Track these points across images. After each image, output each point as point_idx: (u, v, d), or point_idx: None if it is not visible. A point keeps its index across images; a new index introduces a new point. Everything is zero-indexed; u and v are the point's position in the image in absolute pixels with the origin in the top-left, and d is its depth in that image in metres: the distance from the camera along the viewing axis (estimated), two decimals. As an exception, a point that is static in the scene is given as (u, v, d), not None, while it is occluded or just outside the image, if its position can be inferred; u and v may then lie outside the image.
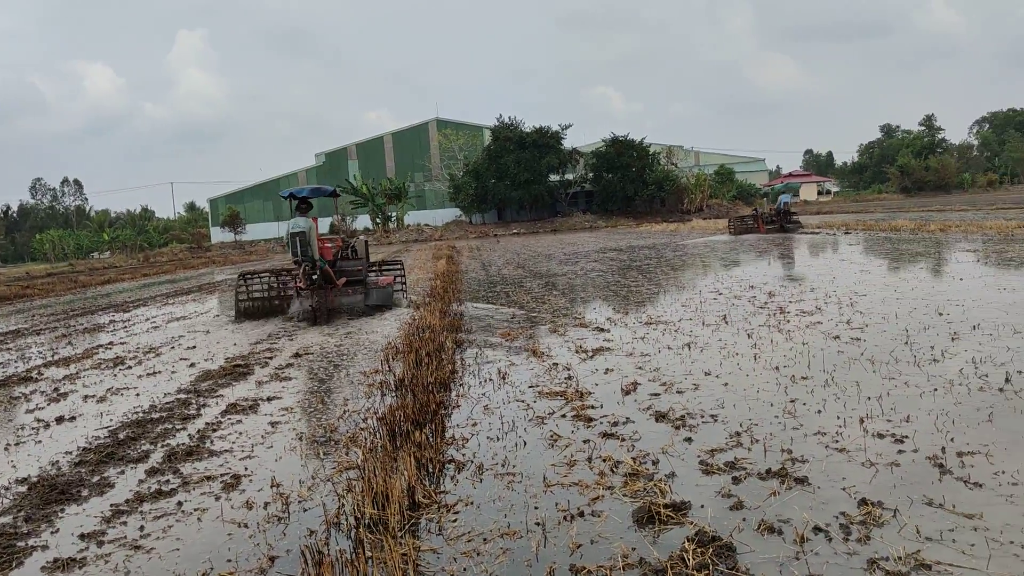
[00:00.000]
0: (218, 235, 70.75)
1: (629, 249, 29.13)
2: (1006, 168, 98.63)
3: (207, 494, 4.99)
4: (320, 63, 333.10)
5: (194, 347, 11.63)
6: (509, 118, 65.97)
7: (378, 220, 67.23)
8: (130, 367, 10.25)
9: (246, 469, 5.44)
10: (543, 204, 66.69)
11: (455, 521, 4.21)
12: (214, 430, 6.59)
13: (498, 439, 5.68)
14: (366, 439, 5.86)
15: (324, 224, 69.74)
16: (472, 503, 4.45)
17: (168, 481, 5.29)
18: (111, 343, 12.78)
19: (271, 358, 10.17)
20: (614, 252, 27.90)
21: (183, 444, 6.20)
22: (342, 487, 4.83)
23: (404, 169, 73.50)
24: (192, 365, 10.04)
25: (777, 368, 7.29)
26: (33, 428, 7.17)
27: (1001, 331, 8.30)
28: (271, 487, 5.00)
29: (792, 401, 6.11)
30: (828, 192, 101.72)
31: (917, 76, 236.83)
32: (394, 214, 68.08)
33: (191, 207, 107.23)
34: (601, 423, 5.88)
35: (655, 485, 4.44)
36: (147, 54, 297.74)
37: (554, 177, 66.75)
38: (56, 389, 9.03)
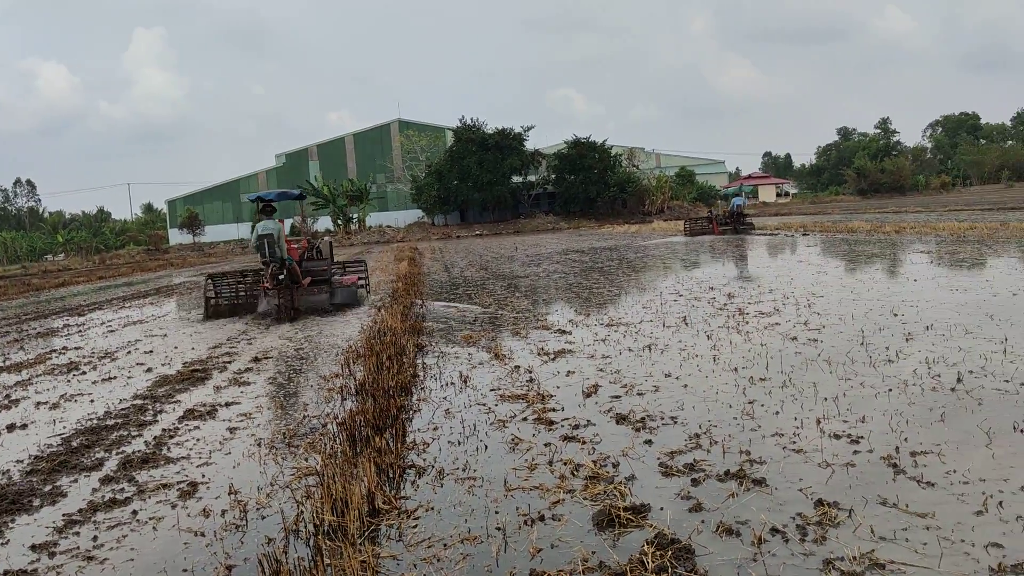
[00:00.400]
0: (176, 237, 69.81)
1: (591, 251, 29.25)
2: (958, 170, 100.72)
3: (163, 502, 4.91)
4: (281, 63, 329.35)
5: (151, 352, 11.46)
6: (472, 119, 66.01)
7: (339, 221, 66.79)
8: (84, 373, 10.06)
9: (203, 476, 5.37)
10: (506, 205, 66.72)
11: (415, 527, 4.19)
12: (171, 437, 6.50)
13: (459, 443, 5.67)
14: (325, 445, 5.82)
15: (286, 226, 69.14)
16: (433, 508, 4.43)
17: (123, 489, 5.20)
18: (65, 348, 12.55)
19: (230, 362, 10.05)
20: (576, 254, 28.00)
21: (139, 451, 6.10)
22: (301, 494, 4.78)
23: (366, 170, 73.11)
24: (149, 370, 9.89)
25: (736, 370, 7.36)
26: (-17, 436, 7.01)
27: (953, 331, 8.46)
28: (229, 494, 4.93)
29: (751, 402, 6.16)
30: (787, 194, 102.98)
31: (873, 80, 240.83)
32: (356, 215, 67.67)
33: (148, 208, 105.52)
34: (562, 426, 5.89)
35: (615, 488, 4.45)
36: (103, 53, 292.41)
37: (516, 178, 66.83)
38: (7, 396, 8.84)
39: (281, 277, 14.10)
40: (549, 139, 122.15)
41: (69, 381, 9.54)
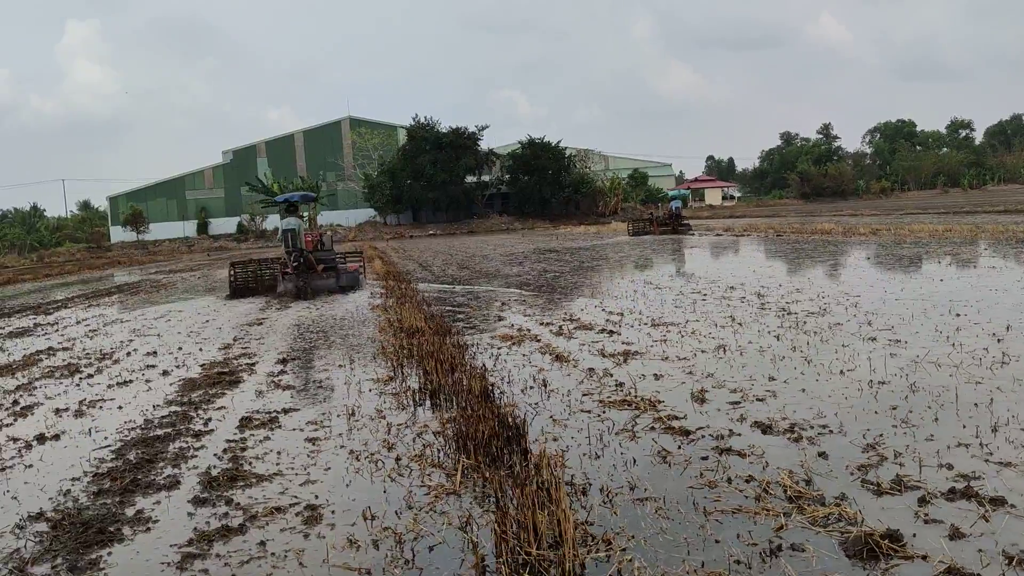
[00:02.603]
0: (119, 234, 67.05)
1: (565, 250, 28.79)
2: (897, 176, 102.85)
3: (288, 530, 4.16)
4: (220, 58, 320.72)
5: (154, 352, 10.54)
6: (425, 118, 65.08)
7: (289, 220, 65.13)
8: (91, 375, 9.14)
9: (316, 497, 4.62)
10: (459, 206, 65.87)
11: (631, 560, 3.53)
12: (243, 449, 5.71)
13: (597, 456, 5.02)
14: (436, 456, 5.14)
15: (232, 223, 67.32)
16: (634, 537, 3.78)
17: (227, 514, 4.43)
18: (51, 349, 11.50)
19: (253, 363, 9.23)
20: (553, 253, 27.48)
21: (216, 466, 5.31)
22: (459, 519, 4.09)
23: (316, 168, 71.35)
24: (165, 373, 9.01)
25: (842, 372, 6.84)
26: (15, 448, 6.13)
27: (1038, 332, 8.10)
28: (364, 519, 4.21)
29: (894, 408, 5.64)
30: (732, 197, 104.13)
31: (811, 86, 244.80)
32: (306, 214, 66.02)
33: (85, 206, 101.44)
34: (703, 436, 5.28)
35: (841, 510, 3.86)
36: (33, 44, 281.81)
37: (470, 178, 66.05)
38: (15, 401, 7.91)
39: (296, 265, 16.89)
40: (494, 140, 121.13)
41: (78, 385, 8.61)
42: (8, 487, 5.20)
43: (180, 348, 10.81)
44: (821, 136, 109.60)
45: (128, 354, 10.59)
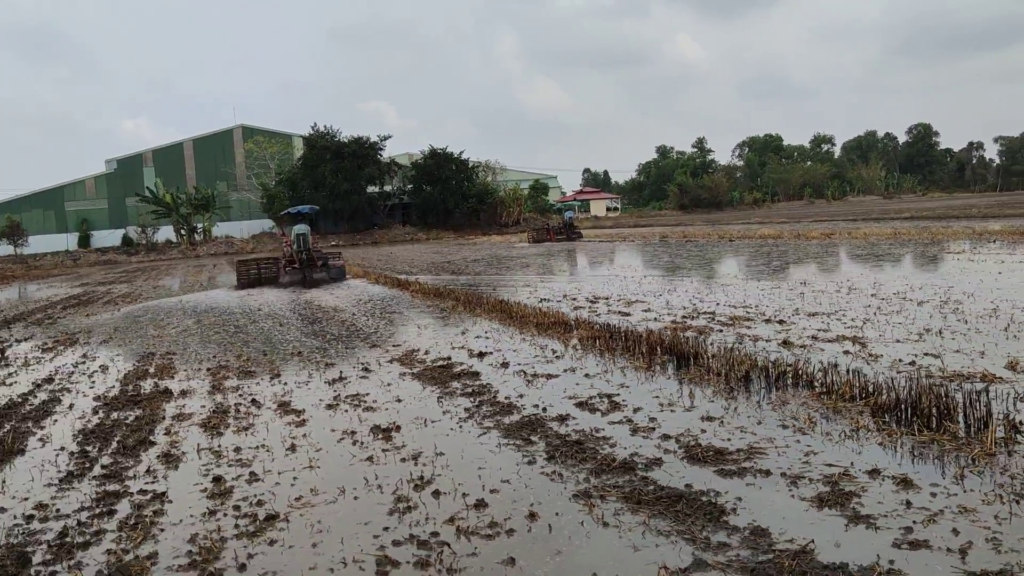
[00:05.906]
0: (-10, 248, 62.15)
1: (512, 258, 29.10)
2: (768, 187, 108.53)
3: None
4: (71, 67, 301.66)
5: (298, 353, 10.07)
6: (325, 126, 63.90)
7: (183, 232, 62.37)
8: (275, 376, 8.72)
9: (831, 466, 4.67)
10: (361, 216, 64.88)
11: None
12: (648, 430, 5.65)
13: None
14: (870, 426, 5.28)
15: (117, 235, 63.85)
16: None
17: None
18: (151, 353, 10.78)
19: (447, 358, 8.97)
20: (509, 260, 27.70)
21: (654, 443, 5.25)
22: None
23: (207, 177, 68.64)
24: (366, 369, 8.67)
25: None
26: (368, 438, 5.82)
27: None
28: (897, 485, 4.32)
29: None
30: (615, 208, 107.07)
31: (677, 102, 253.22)
32: (201, 225, 63.46)
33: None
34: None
35: None
36: None
37: (371, 188, 65.25)
38: (254, 400, 7.45)
39: (302, 260, 21.43)
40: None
41: (284, 384, 8.18)
42: (438, 470, 4.97)
43: (321, 348, 10.39)
44: (696, 150, 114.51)
45: (264, 354, 10.12)
